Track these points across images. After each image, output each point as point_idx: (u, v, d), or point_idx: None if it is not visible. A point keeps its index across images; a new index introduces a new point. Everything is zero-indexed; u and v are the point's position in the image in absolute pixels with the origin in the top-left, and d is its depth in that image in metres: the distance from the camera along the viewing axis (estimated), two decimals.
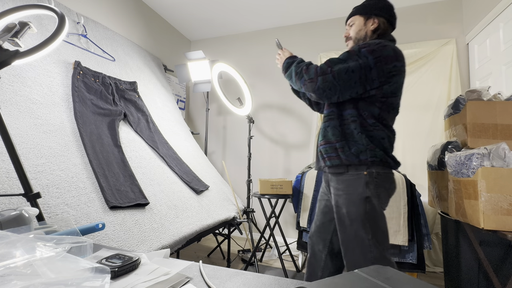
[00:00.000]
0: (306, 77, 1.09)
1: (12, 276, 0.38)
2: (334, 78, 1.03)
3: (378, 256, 1.04)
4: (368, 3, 1.20)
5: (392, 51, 1.05)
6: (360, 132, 1.07)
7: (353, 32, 1.20)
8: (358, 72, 1.02)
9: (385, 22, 1.16)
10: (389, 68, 1.04)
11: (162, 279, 0.51)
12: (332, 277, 0.42)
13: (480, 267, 1.27)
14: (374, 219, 1.05)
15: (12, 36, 0.85)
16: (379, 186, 1.06)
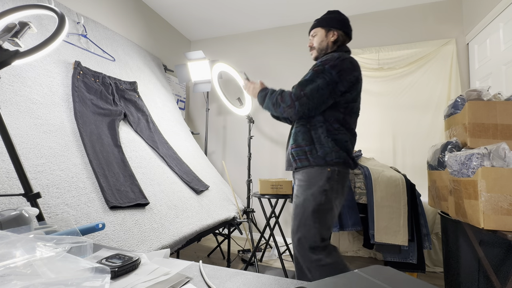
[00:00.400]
0: (284, 105, 1.22)
1: (12, 276, 0.38)
2: (308, 99, 1.17)
3: (321, 245, 1.17)
4: (327, 16, 1.36)
5: (349, 63, 1.21)
6: (326, 136, 1.21)
7: (316, 43, 1.36)
8: (327, 88, 1.17)
9: (343, 34, 1.35)
10: (350, 78, 1.20)
11: (162, 279, 0.51)
12: (332, 277, 0.42)
13: (480, 267, 1.27)
14: (325, 212, 1.18)
15: (12, 36, 0.85)
16: (338, 183, 1.20)
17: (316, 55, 1.37)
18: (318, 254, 1.17)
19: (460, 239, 1.40)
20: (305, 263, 1.20)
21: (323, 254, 1.17)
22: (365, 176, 1.91)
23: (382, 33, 2.76)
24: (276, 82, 3.09)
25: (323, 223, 1.18)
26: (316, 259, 1.17)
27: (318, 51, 1.36)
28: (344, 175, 1.23)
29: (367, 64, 2.75)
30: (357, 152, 2.29)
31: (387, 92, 2.69)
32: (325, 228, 1.19)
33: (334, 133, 1.21)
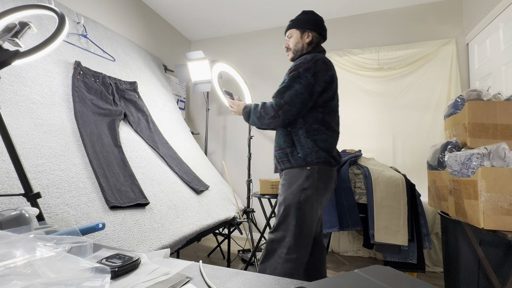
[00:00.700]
0: (268, 117, 1.25)
1: (12, 276, 0.39)
2: (290, 106, 1.20)
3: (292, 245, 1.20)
4: (302, 17, 1.37)
5: (323, 64, 1.23)
6: (306, 137, 1.24)
7: (292, 44, 1.38)
8: (305, 91, 1.20)
9: (317, 35, 1.37)
10: (326, 78, 1.23)
11: (162, 279, 0.51)
12: (332, 277, 0.42)
13: (480, 267, 1.27)
14: (303, 210, 1.21)
15: (12, 36, 0.85)
16: (319, 180, 1.22)
17: (292, 56, 1.40)
18: (283, 253, 1.20)
19: (460, 239, 1.40)
20: (271, 252, 1.24)
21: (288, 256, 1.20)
22: (365, 176, 1.91)
23: (382, 33, 2.76)
24: (276, 82, 3.08)
25: (303, 220, 1.21)
26: (278, 255, 1.21)
27: (294, 52, 1.38)
28: (325, 173, 1.25)
29: (367, 64, 2.75)
30: (357, 152, 2.29)
31: (387, 92, 2.69)
32: (305, 225, 1.22)
33: (314, 133, 1.24)
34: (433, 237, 2.21)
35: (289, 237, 1.21)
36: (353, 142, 2.76)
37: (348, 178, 1.93)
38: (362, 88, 2.78)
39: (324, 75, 1.22)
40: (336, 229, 1.86)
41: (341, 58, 2.84)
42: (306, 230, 1.22)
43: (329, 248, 2.34)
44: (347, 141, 2.79)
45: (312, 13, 1.39)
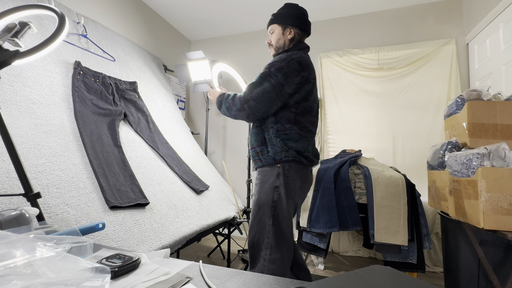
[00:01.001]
0: (235, 108, 1.25)
1: (12, 276, 0.39)
2: (256, 102, 1.20)
3: (273, 244, 1.20)
4: (283, 11, 1.32)
5: (297, 64, 1.21)
6: (276, 136, 1.24)
7: (274, 41, 1.34)
8: (273, 91, 1.19)
9: (300, 31, 1.31)
10: (298, 80, 1.20)
11: (162, 279, 0.51)
12: (332, 277, 0.42)
13: (480, 267, 1.27)
14: (278, 208, 1.21)
15: (12, 36, 0.85)
16: (289, 178, 1.22)
17: (274, 53, 1.36)
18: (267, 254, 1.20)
19: (460, 239, 1.40)
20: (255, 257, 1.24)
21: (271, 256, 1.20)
22: (365, 176, 1.91)
23: (382, 33, 2.76)
24: None
25: (279, 219, 1.22)
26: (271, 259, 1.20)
27: (275, 49, 1.35)
28: (296, 172, 1.24)
29: (367, 64, 2.75)
30: (357, 152, 2.29)
31: (387, 92, 2.69)
32: (283, 224, 1.22)
33: (286, 132, 1.23)
34: (433, 237, 2.21)
35: (268, 238, 1.21)
36: (353, 142, 2.76)
37: (348, 178, 1.93)
38: (362, 88, 2.78)
39: (296, 76, 1.20)
40: (336, 229, 1.86)
41: (341, 58, 2.84)
42: (284, 228, 1.22)
43: (329, 248, 2.34)
44: (347, 141, 2.79)
45: (294, 7, 1.32)
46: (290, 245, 1.25)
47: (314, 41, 2.98)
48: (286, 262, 1.22)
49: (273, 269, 1.19)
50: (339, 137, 2.84)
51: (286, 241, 1.23)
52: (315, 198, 1.97)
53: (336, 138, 2.85)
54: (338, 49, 2.87)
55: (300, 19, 1.31)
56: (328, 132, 2.87)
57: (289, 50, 1.30)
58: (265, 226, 1.22)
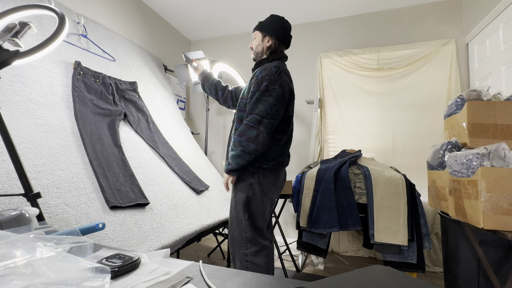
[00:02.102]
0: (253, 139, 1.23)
1: (12, 276, 0.39)
2: (269, 119, 1.24)
3: (251, 237, 1.28)
4: (267, 21, 1.41)
5: (285, 76, 1.30)
6: None
7: (254, 46, 1.43)
8: (278, 102, 1.25)
9: (278, 42, 1.39)
10: (290, 89, 1.31)
11: (162, 279, 0.51)
12: (332, 276, 0.42)
13: (480, 267, 1.27)
14: (253, 205, 1.29)
15: (12, 36, 0.85)
16: (263, 176, 1.31)
17: (254, 57, 1.45)
18: (247, 248, 1.29)
19: (460, 239, 1.40)
20: (235, 254, 1.32)
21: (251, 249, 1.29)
22: (365, 176, 1.91)
23: (382, 33, 2.76)
24: None
25: (254, 214, 1.30)
26: (243, 252, 1.29)
27: (255, 54, 1.43)
28: (270, 171, 1.33)
29: (367, 64, 2.75)
30: (357, 152, 2.29)
31: (387, 92, 2.70)
32: (258, 218, 1.31)
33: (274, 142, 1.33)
34: (433, 237, 2.21)
35: (246, 232, 1.29)
36: (353, 142, 2.76)
37: (348, 178, 1.93)
38: (362, 88, 2.78)
39: (287, 86, 1.29)
40: (336, 229, 1.86)
41: (341, 58, 2.84)
42: (259, 222, 1.31)
43: (329, 248, 2.34)
44: (347, 141, 2.79)
45: (278, 19, 1.41)
46: (267, 238, 1.34)
47: (314, 41, 2.99)
48: (268, 251, 1.31)
49: (257, 260, 1.27)
50: (339, 137, 2.84)
51: (263, 234, 1.32)
52: (315, 198, 1.98)
53: (336, 138, 2.85)
54: (338, 49, 2.87)
55: (281, 30, 1.39)
56: (328, 132, 2.88)
57: (268, 58, 1.39)
58: (241, 221, 1.30)
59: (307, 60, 3.01)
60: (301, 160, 2.95)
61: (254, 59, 1.45)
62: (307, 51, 3.00)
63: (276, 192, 1.40)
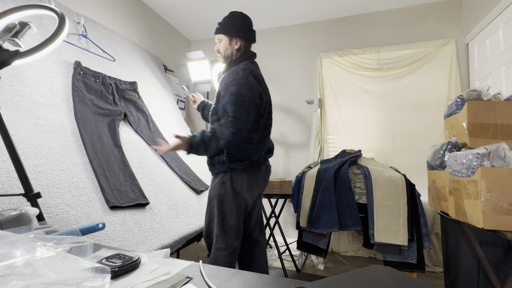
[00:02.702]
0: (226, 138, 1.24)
1: (12, 276, 0.39)
2: (243, 123, 1.25)
3: (218, 234, 1.33)
4: (229, 22, 1.39)
5: (253, 79, 1.31)
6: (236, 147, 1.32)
7: (222, 50, 1.41)
8: (250, 106, 1.26)
9: (245, 42, 1.41)
10: (260, 91, 1.31)
11: (162, 279, 0.51)
12: (332, 277, 0.42)
13: (480, 267, 1.27)
14: (225, 203, 1.33)
15: (12, 36, 0.85)
16: (236, 175, 1.33)
17: (223, 60, 1.45)
18: (216, 243, 1.33)
19: (460, 239, 1.40)
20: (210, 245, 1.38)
21: (217, 245, 1.33)
22: (365, 176, 1.91)
23: (382, 33, 2.76)
24: (276, 82, 3.09)
25: (225, 211, 1.33)
26: (213, 246, 1.34)
27: (224, 57, 1.42)
28: (242, 170, 1.34)
29: (367, 64, 2.75)
30: (357, 152, 2.29)
31: (387, 92, 2.69)
32: (228, 215, 1.33)
33: (246, 142, 1.33)
34: (433, 237, 2.21)
35: (216, 228, 1.34)
36: (353, 142, 2.76)
37: (348, 178, 1.93)
38: (362, 88, 2.78)
39: (257, 88, 1.30)
40: (336, 229, 1.86)
41: (341, 58, 2.84)
42: (230, 221, 1.33)
43: (329, 248, 2.34)
44: (347, 141, 2.79)
45: (239, 17, 1.40)
46: (237, 236, 1.35)
47: (314, 41, 2.99)
48: (231, 252, 1.33)
49: (217, 257, 1.32)
50: (339, 137, 2.84)
51: (231, 232, 1.33)
52: (315, 198, 1.98)
53: (336, 138, 2.85)
54: (338, 49, 2.87)
55: (245, 29, 1.40)
56: (328, 132, 2.88)
57: (237, 60, 1.39)
58: (214, 217, 1.35)
59: (307, 60, 3.01)
60: (301, 160, 2.95)
61: (224, 62, 1.44)
62: (307, 51, 3.00)
63: (252, 190, 1.38)
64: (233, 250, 1.34)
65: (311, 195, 2.00)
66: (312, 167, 2.24)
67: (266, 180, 1.49)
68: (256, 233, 1.52)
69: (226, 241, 1.33)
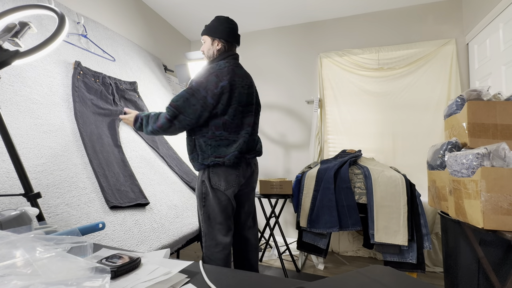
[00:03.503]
0: (164, 126, 1.35)
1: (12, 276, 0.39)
2: (185, 116, 1.32)
3: (206, 232, 1.39)
4: (213, 25, 1.46)
5: (215, 77, 1.33)
6: (206, 144, 1.37)
7: (205, 50, 1.48)
8: (197, 103, 1.31)
9: (226, 43, 1.44)
10: (217, 91, 1.32)
11: (162, 279, 0.51)
12: (332, 276, 0.42)
13: (480, 267, 1.27)
14: (208, 201, 1.38)
15: (12, 36, 0.85)
16: (214, 174, 1.37)
17: (207, 60, 1.51)
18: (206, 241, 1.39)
19: (460, 239, 1.40)
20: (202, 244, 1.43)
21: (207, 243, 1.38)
22: (365, 176, 1.91)
23: (382, 33, 2.76)
24: (276, 82, 3.09)
25: (208, 209, 1.38)
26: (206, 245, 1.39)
27: (207, 57, 1.49)
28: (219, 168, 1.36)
29: (367, 64, 2.75)
30: (357, 152, 2.29)
31: (387, 92, 2.70)
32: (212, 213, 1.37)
33: (216, 139, 1.36)
34: (433, 237, 2.21)
35: (203, 226, 1.40)
36: (353, 142, 2.76)
37: (348, 178, 1.93)
38: (362, 88, 2.78)
39: (215, 87, 1.32)
40: (336, 229, 1.86)
41: (341, 58, 2.84)
42: (215, 217, 1.37)
43: (329, 248, 2.35)
44: (347, 141, 2.80)
45: (223, 21, 1.46)
46: (225, 232, 1.38)
47: (314, 41, 2.99)
48: (221, 248, 1.36)
49: (209, 254, 1.37)
50: (339, 137, 2.84)
51: (220, 230, 1.37)
52: (315, 198, 1.98)
53: (336, 138, 2.85)
54: (338, 49, 2.87)
55: (228, 32, 1.44)
56: (328, 132, 2.88)
57: (215, 59, 1.45)
58: (200, 216, 1.42)
59: (307, 60, 3.01)
60: (301, 160, 2.95)
61: (208, 62, 1.50)
62: (307, 51, 3.00)
63: (232, 188, 1.39)
64: (223, 246, 1.37)
65: (311, 195, 2.00)
66: (312, 167, 2.24)
67: (248, 178, 1.49)
68: (246, 231, 1.56)
69: (214, 238, 1.37)
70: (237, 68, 1.44)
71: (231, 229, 1.42)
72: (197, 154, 1.40)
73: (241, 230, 1.55)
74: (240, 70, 1.46)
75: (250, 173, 1.49)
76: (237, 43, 1.50)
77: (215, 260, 1.36)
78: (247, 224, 1.57)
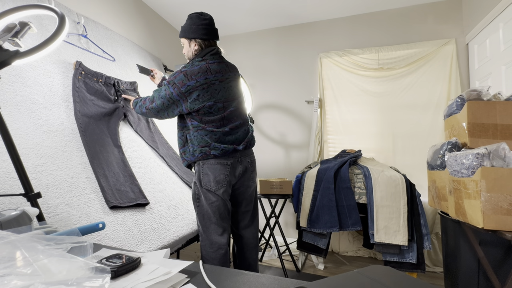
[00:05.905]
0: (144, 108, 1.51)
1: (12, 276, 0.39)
2: (157, 107, 1.43)
3: (201, 230, 1.42)
4: (186, 26, 1.47)
5: (183, 76, 1.35)
6: (193, 137, 1.41)
7: (185, 52, 1.51)
8: (167, 100, 1.39)
9: (203, 42, 1.46)
10: (184, 90, 1.35)
11: (162, 279, 0.51)
12: (332, 276, 0.42)
13: (480, 267, 1.27)
14: (201, 201, 1.41)
15: (12, 36, 0.85)
16: (203, 174, 1.39)
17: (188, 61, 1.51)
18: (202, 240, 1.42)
19: (460, 239, 1.40)
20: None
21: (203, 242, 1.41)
22: (365, 176, 1.91)
23: (382, 33, 2.76)
24: (276, 82, 3.09)
25: (201, 209, 1.41)
26: (202, 245, 1.42)
27: (188, 59, 1.51)
28: (208, 166, 1.39)
29: (367, 64, 2.75)
30: (357, 152, 2.29)
31: (387, 92, 2.70)
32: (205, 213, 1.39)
33: (199, 133, 1.39)
34: (433, 237, 2.21)
35: (199, 227, 1.43)
36: (353, 142, 2.76)
37: (348, 178, 1.93)
38: (362, 88, 2.78)
39: (183, 86, 1.35)
40: (336, 229, 1.86)
41: (341, 58, 2.84)
42: (209, 217, 1.39)
43: (329, 248, 2.35)
44: (347, 141, 2.80)
45: (195, 17, 1.47)
46: (221, 233, 1.40)
47: (314, 41, 2.99)
48: (216, 248, 1.39)
49: (205, 254, 1.40)
50: (339, 137, 2.84)
51: (215, 230, 1.39)
52: (315, 198, 1.98)
53: (336, 138, 2.85)
54: (338, 49, 2.87)
55: (203, 29, 1.45)
56: (328, 132, 2.88)
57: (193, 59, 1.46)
58: (195, 216, 1.46)
59: (307, 60, 3.01)
60: (301, 160, 2.95)
61: None
62: (307, 51, 3.00)
63: (223, 187, 1.39)
64: (218, 246, 1.39)
65: (311, 195, 2.01)
66: (312, 167, 2.24)
67: (240, 176, 1.48)
68: (243, 229, 1.57)
69: (209, 238, 1.39)
70: (214, 64, 1.42)
71: (226, 229, 1.42)
72: (188, 148, 1.45)
73: (239, 229, 1.56)
74: (218, 65, 1.44)
75: (241, 171, 1.48)
76: (215, 39, 1.50)
77: (211, 260, 1.37)
78: (244, 223, 1.57)
